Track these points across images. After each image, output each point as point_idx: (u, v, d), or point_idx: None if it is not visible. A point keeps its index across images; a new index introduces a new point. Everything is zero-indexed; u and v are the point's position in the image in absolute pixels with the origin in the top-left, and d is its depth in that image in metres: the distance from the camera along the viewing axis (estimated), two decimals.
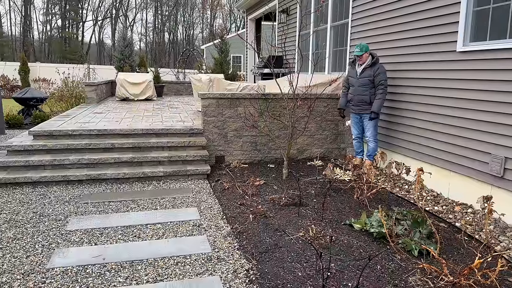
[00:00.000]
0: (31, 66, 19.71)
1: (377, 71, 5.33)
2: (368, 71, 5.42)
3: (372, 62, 5.41)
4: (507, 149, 3.95)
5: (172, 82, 13.93)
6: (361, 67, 5.48)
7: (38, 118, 9.54)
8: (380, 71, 5.33)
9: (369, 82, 5.43)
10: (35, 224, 3.95)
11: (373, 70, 5.38)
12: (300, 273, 3.03)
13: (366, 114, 5.57)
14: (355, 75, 5.62)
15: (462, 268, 2.95)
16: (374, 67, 5.38)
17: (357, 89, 5.57)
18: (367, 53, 5.43)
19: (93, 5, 50.47)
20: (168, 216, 4.20)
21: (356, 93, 5.58)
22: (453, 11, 4.56)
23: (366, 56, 5.43)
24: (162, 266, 3.17)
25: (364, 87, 5.48)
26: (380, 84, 5.32)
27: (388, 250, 3.38)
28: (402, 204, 4.57)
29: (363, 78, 5.48)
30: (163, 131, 6.07)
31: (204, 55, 26.69)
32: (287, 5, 9.82)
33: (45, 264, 3.17)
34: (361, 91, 5.52)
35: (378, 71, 5.33)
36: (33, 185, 5.13)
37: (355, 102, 5.64)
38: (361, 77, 5.49)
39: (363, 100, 5.53)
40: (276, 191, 4.99)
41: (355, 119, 5.78)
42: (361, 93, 5.51)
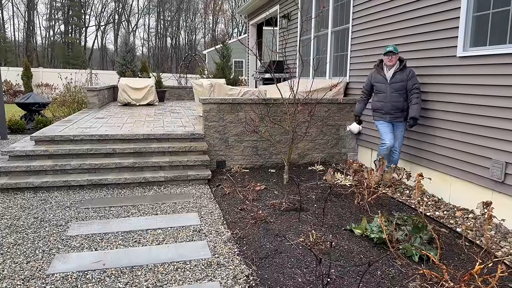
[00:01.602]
0: (34, 72, 19.82)
1: (409, 74, 4.98)
2: (400, 75, 5.04)
3: (402, 66, 5.06)
4: (508, 154, 3.95)
5: (174, 87, 13.97)
6: (391, 71, 5.11)
7: (40, 123, 9.57)
8: (412, 75, 4.98)
9: (402, 87, 5.04)
10: (36, 229, 3.95)
11: (405, 74, 5.02)
12: (300, 279, 3.03)
13: (399, 122, 5.20)
14: (384, 81, 5.18)
15: (462, 274, 2.94)
16: (405, 71, 5.02)
17: (389, 96, 5.13)
18: (397, 55, 5.09)
19: (96, 10, 50.83)
20: (168, 221, 4.20)
21: (389, 99, 5.14)
22: (453, 16, 4.57)
23: (396, 58, 5.07)
24: (162, 271, 3.17)
25: (397, 93, 5.08)
26: (414, 88, 4.95)
27: (388, 255, 3.37)
28: (403, 209, 4.56)
29: (395, 83, 5.07)
30: (164, 136, 6.08)
31: (206, 60, 26.78)
32: (288, 11, 9.86)
33: (45, 269, 3.17)
34: (394, 97, 5.10)
35: (410, 74, 4.97)
36: (34, 190, 5.14)
37: (388, 110, 5.18)
38: (393, 82, 5.09)
39: (397, 107, 5.11)
40: (276, 196, 4.99)
41: (388, 127, 5.27)
42: (395, 100, 5.10)
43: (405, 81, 5.03)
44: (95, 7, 54.74)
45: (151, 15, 52.48)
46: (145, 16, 52.81)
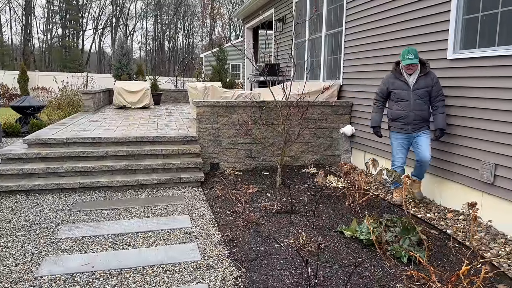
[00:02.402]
0: (30, 75, 19.81)
1: (434, 79, 4.44)
2: (424, 81, 4.45)
3: (427, 70, 4.48)
4: (497, 156, 3.97)
5: (170, 90, 13.99)
6: (413, 76, 4.50)
7: (35, 126, 9.56)
8: (437, 80, 4.46)
9: (427, 94, 4.47)
10: (26, 232, 3.95)
11: (429, 78, 4.44)
12: (288, 281, 3.03)
13: (422, 133, 4.58)
14: (405, 87, 4.55)
15: (449, 275, 2.95)
16: (430, 75, 4.45)
17: (413, 104, 4.50)
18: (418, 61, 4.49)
19: (93, 14, 50.76)
20: (159, 224, 4.20)
21: (412, 108, 4.51)
22: (443, 19, 4.60)
23: (418, 64, 4.51)
24: (151, 274, 3.16)
25: (421, 101, 4.49)
26: (440, 95, 4.43)
27: (377, 257, 3.38)
28: (394, 211, 4.57)
29: (419, 89, 4.47)
30: (157, 139, 6.08)
31: (203, 63, 26.83)
32: (283, 14, 9.90)
33: (33, 272, 3.17)
34: (418, 106, 4.49)
35: (435, 79, 4.44)
36: (26, 193, 5.13)
37: (410, 120, 4.54)
38: (417, 88, 4.48)
39: (421, 116, 4.51)
40: (269, 199, 4.99)
41: (404, 141, 4.67)
42: (419, 109, 4.49)
43: (429, 87, 4.45)
44: (93, 11, 54.82)
45: (148, 18, 52.59)
46: (142, 20, 52.96)
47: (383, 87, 4.76)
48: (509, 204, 3.89)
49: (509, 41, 3.85)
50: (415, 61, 4.38)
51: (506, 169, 3.87)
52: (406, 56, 4.40)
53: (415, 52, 4.40)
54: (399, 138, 4.68)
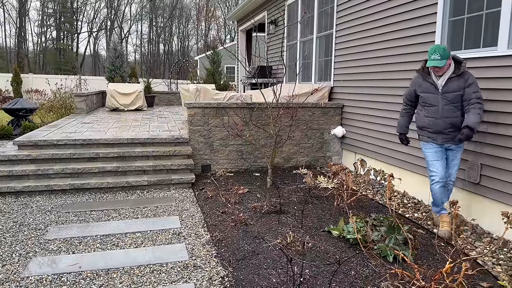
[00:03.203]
0: (24, 77, 19.75)
1: (468, 80, 3.72)
2: (457, 82, 3.76)
3: (461, 70, 3.76)
4: (482, 156, 4.01)
5: (163, 93, 14.00)
6: (443, 77, 3.82)
7: (27, 128, 9.52)
8: (472, 80, 3.72)
9: (458, 97, 3.78)
10: (14, 233, 3.94)
11: (463, 80, 3.74)
12: (274, 279, 3.05)
13: (454, 145, 3.91)
14: (433, 89, 3.89)
15: (433, 273, 2.98)
16: (464, 77, 3.75)
17: (442, 110, 3.85)
18: (450, 58, 3.76)
19: (88, 17, 50.78)
20: (148, 224, 4.21)
21: (441, 115, 3.85)
22: (430, 21, 4.65)
23: (449, 63, 3.77)
24: (138, 274, 3.17)
25: (453, 106, 3.80)
26: (474, 98, 3.67)
27: (364, 256, 3.41)
28: (382, 210, 4.60)
29: (450, 92, 3.79)
30: (148, 141, 6.09)
31: (198, 66, 26.86)
32: (275, 16, 9.95)
33: (20, 272, 3.17)
34: (449, 111, 3.82)
35: (470, 80, 3.72)
36: (16, 195, 5.13)
37: (440, 128, 3.87)
38: (447, 92, 3.81)
39: (452, 124, 3.82)
40: (259, 199, 5.01)
41: (439, 152, 3.96)
42: (450, 115, 3.81)
43: (462, 90, 3.76)
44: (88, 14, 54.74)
45: (143, 21, 52.57)
46: (137, 23, 52.88)
47: (411, 89, 4.10)
48: (495, 203, 3.93)
49: (493, 43, 3.91)
50: (440, 64, 3.67)
51: (491, 169, 3.92)
52: (431, 55, 3.72)
53: (443, 51, 3.66)
54: (431, 148, 3.98)
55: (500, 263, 3.33)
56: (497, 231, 3.88)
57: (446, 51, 3.67)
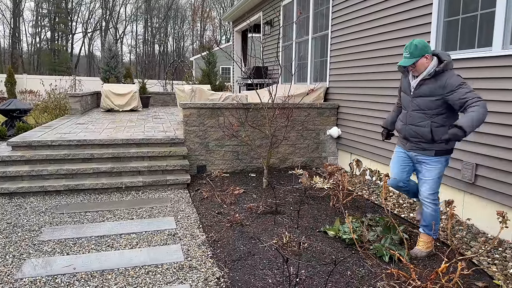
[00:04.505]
0: (18, 78, 19.63)
1: (447, 84, 3.12)
2: (430, 86, 3.21)
3: (440, 70, 3.17)
4: (477, 156, 4.03)
5: (159, 93, 13.95)
6: (418, 78, 3.28)
7: (21, 129, 9.44)
8: (456, 84, 3.09)
9: (431, 104, 3.21)
10: (8, 234, 3.91)
11: (440, 84, 3.16)
12: (270, 280, 3.04)
13: (423, 157, 3.35)
14: (409, 91, 3.40)
15: (429, 273, 2.98)
16: (441, 79, 3.16)
17: (409, 115, 3.38)
18: (426, 57, 3.20)
19: (83, 17, 50.59)
20: (143, 225, 4.18)
21: (408, 120, 3.38)
22: (425, 21, 4.67)
23: (424, 63, 3.21)
24: (133, 275, 3.15)
25: (421, 113, 3.28)
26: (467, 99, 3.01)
27: (359, 256, 3.40)
28: (378, 211, 4.61)
29: (420, 97, 3.28)
30: (143, 141, 6.06)
31: (193, 67, 26.82)
32: (271, 17, 9.95)
33: (14, 274, 3.14)
34: (416, 119, 3.31)
35: (451, 83, 3.10)
36: (10, 196, 5.08)
37: (406, 135, 3.41)
38: (417, 96, 3.30)
39: (419, 134, 3.30)
40: (255, 200, 5.00)
41: (402, 157, 3.55)
42: (415, 123, 3.32)
43: (438, 96, 3.16)
44: (82, 14, 54.49)
45: (138, 22, 52.44)
46: (132, 23, 52.74)
47: (399, 86, 3.62)
48: (489, 203, 3.95)
49: (488, 43, 3.93)
50: (405, 63, 3.23)
51: (486, 169, 3.94)
52: (403, 52, 3.28)
53: (414, 48, 3.17)
54: (397, 151, 3.63)
55: (495, 263, 3.34)
56: (492, 231, 3.89)
57: (420, 48, 3.16)
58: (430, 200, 3.34)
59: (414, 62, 3.19)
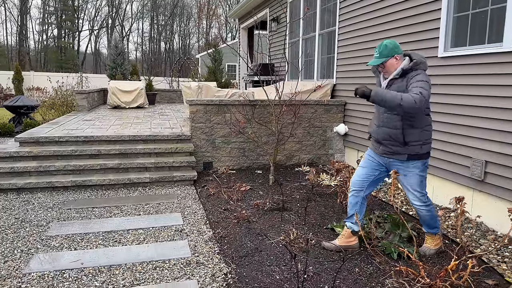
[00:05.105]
0: (25, 75, 19.72)
1: (411, 80, 3.03)
2: (397, 85, 3.11)
3: (408, 69, 3.09)
4: (487, 153, 3.98)
5: (165, 90, 13.97)
6: (388, 79, 3.20)
7: (29, 126, 9.50)
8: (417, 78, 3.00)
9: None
10: (16, 230, 3.93)
11: (405, 80, 3.09)
12: (278, 276, 3.03)
13: (397, 162, 3.22)
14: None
15: (438, 270, 2.95)
16: (408, 76, 3.08)
17: (381, 117, 3.25)
18: (396, 57, 3.14)
19: (89, 15, 50.62)
20: (150, 221, 4.18)
21: (381, 122, 3.25)
22: (434, 17, 4.62)
23: (393, 63, 3.14)
24: (140, 270, 3.15)
25: (392, 114, 3.15)
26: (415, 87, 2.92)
27: (367, 253, 3.38)
28: (385, 208, 4.58)
29: None
30: (150, 138, 6.07)
31: (199, 64, 26.82)
32: (277, 14, 9.91)
33: (22, 269, 3.15)
34: (387, 121, 3.19)
35: (413, 78, 3.03)
36: (18, 191, 5.11)
37: (379, 138, 3.28)
38: None
39: (391, 136, 3.17)
40: (261, 197, 4.99)
41: (370, 161, 3.41)
42: (387, 125, 3.19)
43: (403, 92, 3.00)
44: (89, 12, 54.63)
45: (144, 19, 52.51)
46: (138, 21, 52.81)
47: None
48: (499, 200, 3.91)
49: (499, 39, 3.87)
50: (373, 62, 3.19)
51: (496, 166, 3.89)
52: (374, 52, 3.23)
53: (383, 47, 3.13)
54: (368, 154, 3.46)
55: (505, 261, 3.31)
56: (502, 229, 3.85)
57: (390, 48, 3.11)
58: (419, 206, 3.27)
59: (383, 61, 3.15)
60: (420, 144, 3.12)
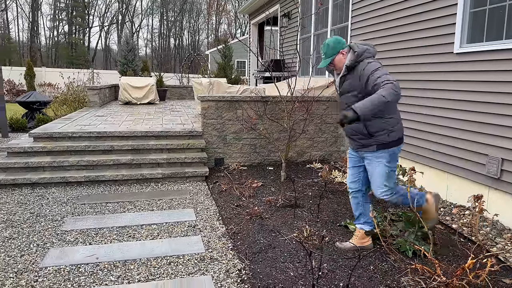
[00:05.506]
0: (37, 71, 19.92)
1: (363, 73, 2.99)
2: (349, 81, 3.11)
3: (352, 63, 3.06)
4: (503, 150, 3.93)
5: (175, 86, 14.00)
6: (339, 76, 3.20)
7: (41, 121, 9.59)
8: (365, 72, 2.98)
9: (353, 98, 3.09)
10: (32, 224, 3.97)
11: (355, 74, 3.05)
12: (292, 273, 3.02)
13: (367, 153, 3.22)
14: (338, 89, 3.32)
15: (455, 269, 2.93)
16: (356, 70, 3.06)
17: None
18: (342, 53, 3.14)
19: (99, 11, 51.03)
20: (164, 217, 4.20)
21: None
22: (450, 12, 4.56)
23: (341, 59, 3.15)
24: (155, 265, 3.17)
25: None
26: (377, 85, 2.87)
27: (381, 251, 3.36)
28: (399, 205, 4.54)
29: (345, 94, 3.20)
30: (162, 134, 6.09)
31: (209, 60, 26.84)
32: (289, 9, 9.87)
33: (38, 263, 3.19)
34: None
35: (365, 71, 2.98)
36: (32, 186, 5.16)
37: (348, 134, 3.31)
38: (343, 93, 3.22)
39: (355, 130, 3.20)
40: (273, 193, 4.98)
41: (354, 159, 3.43)
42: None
43: (358, 89, 3.05)
44: (99, 8, 54.98)
45: (154, 15, 52.66)
46: (148, 17, 53.04)
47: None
48: None
49: None
50: (322, 64, 3.18)
51: None
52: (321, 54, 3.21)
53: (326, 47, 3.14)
54: (349, 153, 3.50)
55: None
56: None
57: (332, 46, 3.10)
58: (388, 197, 3.20)
59: (330, 61, 3.15)
60: (387, 133, 3.09)
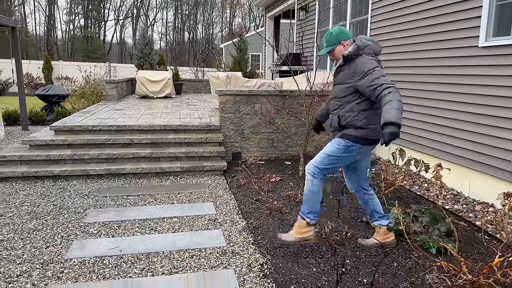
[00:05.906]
0: (54, 65, 20.15)
1: (357, 69, 2.93)
2: (344, 72, 3.07)
3: (350, 55, 3.00)
4: None
5: (191, 80, 14.03)
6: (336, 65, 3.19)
7: (60, 114, 9.73)
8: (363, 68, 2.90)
9: (344, 90, 3.05)
10: (55, 216, 4.03)
11: (352, 69, 2.99)
12: (314, 269, 3.01)
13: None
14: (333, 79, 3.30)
15: (481, 267, 2.88)
16: (353, 63, 2.99)
17: (330, 103, 3.26)
18: (343, 44, 3.10)
19: (114, 4, 51.31)
20: (184, 210, 4.23)
21: (329, 109, 3.26)
22: (476, 5, 4.45)
23: (341, 50, 3.10)
24: (178, 258, 3.19)
25: (336, 101, 3.14)
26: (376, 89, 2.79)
27: (405, 247, 3.33)
28: (421, 202, 4.49)
29: (337, 85, 3.17)
30: (180, 128, 6.12)
31: (223, 54, 26.82)
32: (306, 2, 9.77)
33: (63, 254, 3.24)
34: (332, 106, 3.19)
35: (360, 68, 2.92)
36: (54, 178, 5.24)
37: (328, 125, 3.31)
38: (336, 84, 3.20)
39: (331, 122, 3.20)
40: (292, 188, 4.97)
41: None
42: (331, 110, 3.20)
43: (350, 83, 2.99)
44: (114, 2, 55.25)
45: (169, 9, 52.77)
46: (163, 10, 53.16)
47: None
48: None
49: None
50: (320, 52, 3.19)
51: None
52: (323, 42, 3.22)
53: (329, 35, 3.12)
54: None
55: None
56: None
57: (335, 36, 3.08)
58: (310, 175, 3.16)
59: (329, 50, 3.13)
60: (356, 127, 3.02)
